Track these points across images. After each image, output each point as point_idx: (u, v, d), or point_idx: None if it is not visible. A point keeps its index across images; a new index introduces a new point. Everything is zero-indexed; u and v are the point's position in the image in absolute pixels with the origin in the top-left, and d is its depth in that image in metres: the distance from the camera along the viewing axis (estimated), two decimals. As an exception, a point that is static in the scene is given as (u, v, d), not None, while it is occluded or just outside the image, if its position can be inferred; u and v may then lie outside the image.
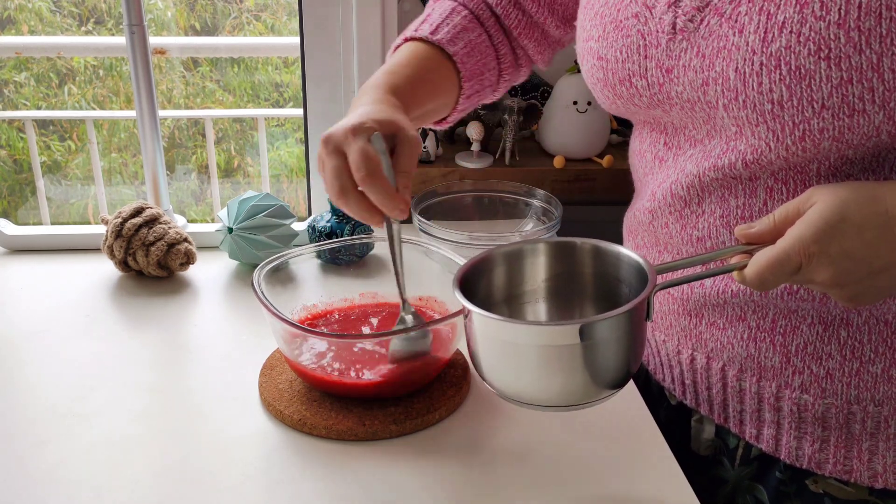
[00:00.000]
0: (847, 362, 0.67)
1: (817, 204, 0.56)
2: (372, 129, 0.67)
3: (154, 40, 2.16)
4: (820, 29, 0.56)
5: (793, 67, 0.58)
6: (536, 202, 1.17)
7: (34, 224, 2.44)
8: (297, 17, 1.20)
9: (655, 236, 0.77)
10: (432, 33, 0.83)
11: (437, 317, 0.86)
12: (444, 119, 0.88)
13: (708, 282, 0.72)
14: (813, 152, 0.61)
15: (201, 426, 0.76)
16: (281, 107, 4.37)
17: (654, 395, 0.82)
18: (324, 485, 0.68)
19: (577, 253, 0.66)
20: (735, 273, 0.59)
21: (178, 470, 0.70)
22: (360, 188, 0.66)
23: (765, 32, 0.59)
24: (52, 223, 3.11)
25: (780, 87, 0.59)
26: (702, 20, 0.64)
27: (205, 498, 0.66)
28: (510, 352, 0.58)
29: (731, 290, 0.70)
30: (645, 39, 0.68)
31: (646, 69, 0.69)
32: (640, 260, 0.61)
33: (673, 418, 0.82)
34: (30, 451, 0.71)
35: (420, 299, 0.88)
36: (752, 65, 0.60)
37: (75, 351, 0.88)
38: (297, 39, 1.22)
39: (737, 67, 0.61)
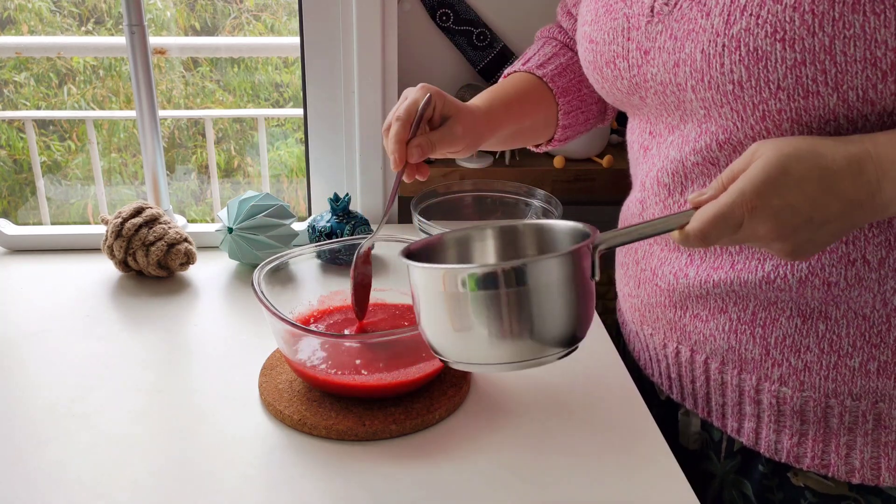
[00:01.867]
0: (825, 355, 0.68)
1: (760, 159, 0.56)
2: (435, 94, 0.76)
3: (154, 40, 2.16)
4: (777, 12, 0.58)
5: (751, 49, 0.60)
6: (536, 202, 1.18)
7: (34, 224, 2.44)
8: (297, 17, 1.20)
9: None
10: (524, 64, 0.92)
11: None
12: (553, 139, 0.93)
13: (692, 272, 0.73)
14: (777, 133, 0.62)
15: (201, 426, 0.76)
16: (281, 107, 4.37)
17: (645, 392, 0.83)
18: (324, 485, 0.68)
19: (521, 236, 0.68)
20: (677, 232, 0.58)
21: (178, 470, 0.70)
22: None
23: (728, 15, 0.61)
24: (52, 223, 3.11)
25: (740, 67, 0.61)
26: (676, 3, 0.66)
27: (205, 498, 0.66)
28: (451, 306, 0.57)
29: (713, 281, 0.71)
30: (629, 22, 0.70)
31: (627, 51, 0.71)
32: (579, 224, 0.62)
33: (662, 415, 0.84)
34: (30, 451, 0.71)
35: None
36: (716, 46, 0.62)
37: (75, 351, 0.88)
38: (297, 39, 1.22)
39: (703, 49, 0.63)
